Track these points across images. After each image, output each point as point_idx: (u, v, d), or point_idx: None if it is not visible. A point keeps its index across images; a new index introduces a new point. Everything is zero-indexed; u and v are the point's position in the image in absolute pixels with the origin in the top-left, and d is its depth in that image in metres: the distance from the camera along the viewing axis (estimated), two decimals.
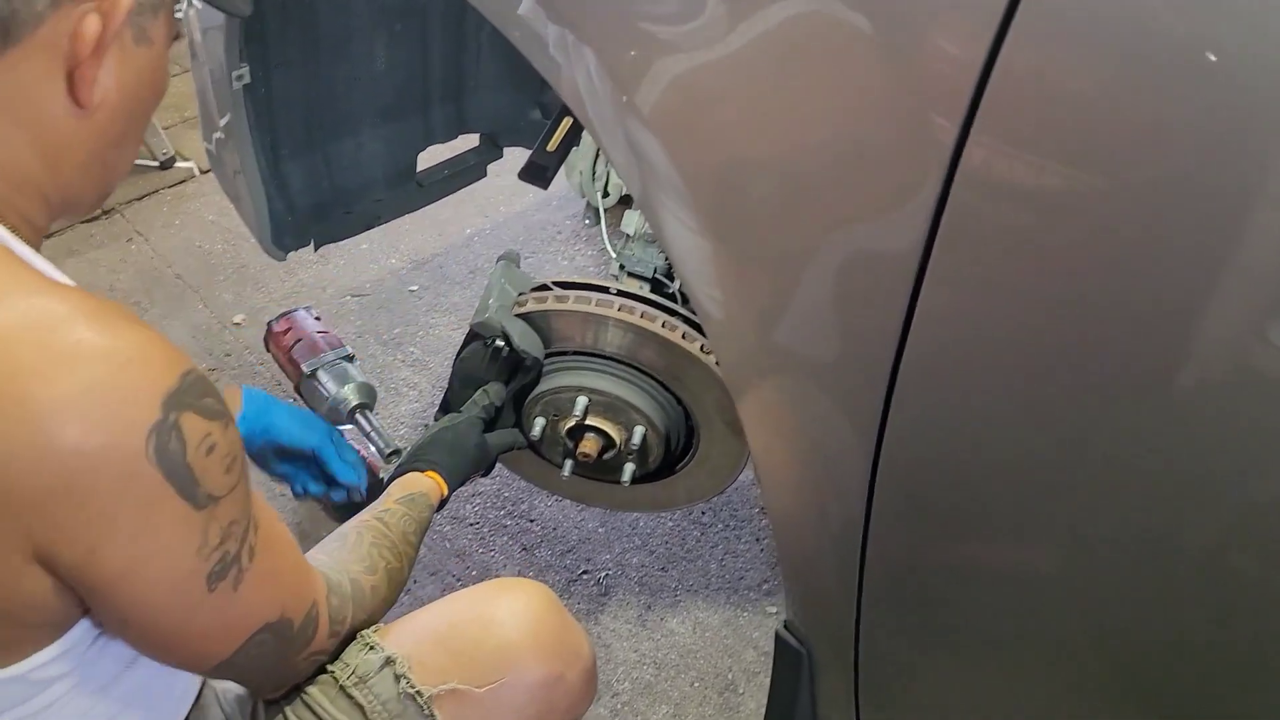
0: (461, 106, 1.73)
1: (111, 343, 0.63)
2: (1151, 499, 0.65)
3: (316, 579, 0.86)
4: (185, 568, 0.68)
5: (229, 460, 0.69)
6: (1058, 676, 0.79)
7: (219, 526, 0.69)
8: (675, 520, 1.85)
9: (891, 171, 0.68)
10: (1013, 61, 0.59)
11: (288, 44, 1.39)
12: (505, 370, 1.37)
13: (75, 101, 0.70)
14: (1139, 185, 0.58)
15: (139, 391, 0.63)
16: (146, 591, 0.67)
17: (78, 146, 0.73)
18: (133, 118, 0.76)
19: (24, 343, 0.61)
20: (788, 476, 0.89)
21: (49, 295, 0.63)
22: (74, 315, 0.63)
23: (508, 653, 0.91)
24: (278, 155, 1.50)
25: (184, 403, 0.65)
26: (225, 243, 2.51)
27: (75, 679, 0.73)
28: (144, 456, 0.63)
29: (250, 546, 0.73)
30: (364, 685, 0.88)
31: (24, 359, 0.60)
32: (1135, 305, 0.60)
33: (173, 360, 0.66)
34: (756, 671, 1.60)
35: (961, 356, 0.69)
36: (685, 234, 0.85)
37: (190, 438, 0.65)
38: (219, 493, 0.68)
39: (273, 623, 0.78)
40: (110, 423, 0.62)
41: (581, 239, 2.55)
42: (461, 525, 1.82)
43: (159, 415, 0.63)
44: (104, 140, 0.74)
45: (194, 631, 0.72)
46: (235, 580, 0.72)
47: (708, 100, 0.78)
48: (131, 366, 0.63)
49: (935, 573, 0.82)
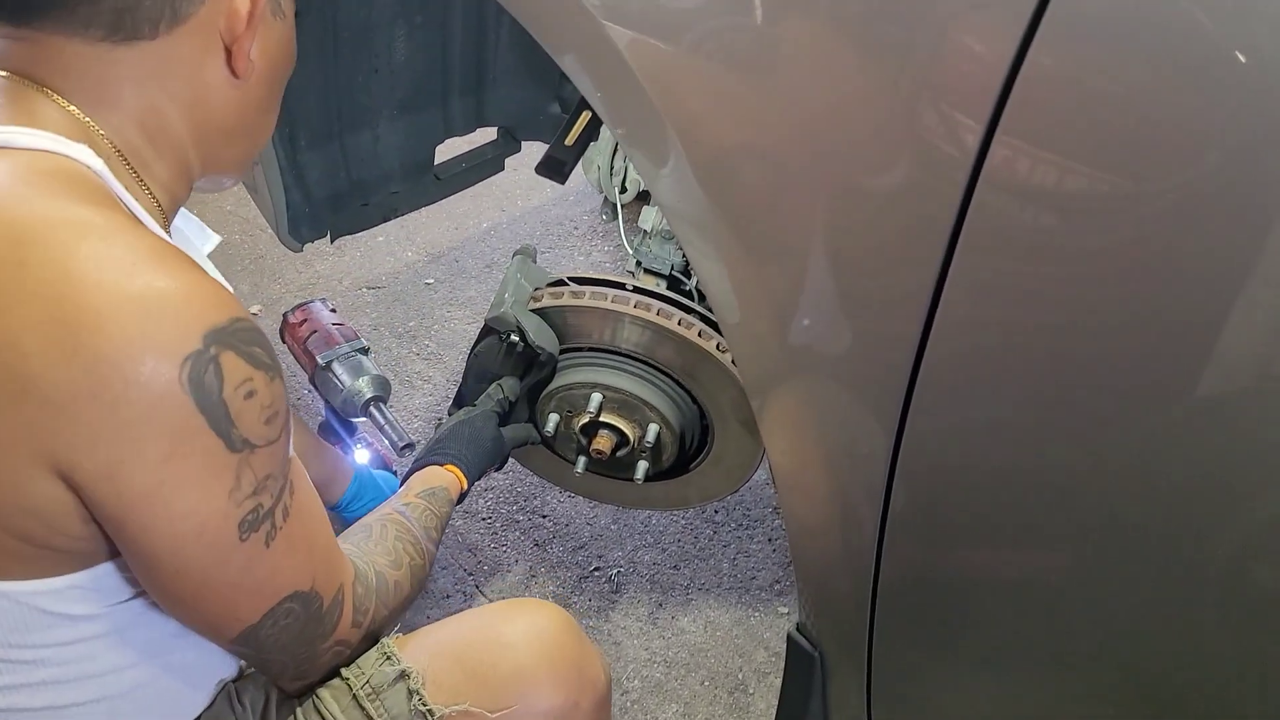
0: (480, 100, 1.72)
1: (163, 272, 0.65)
2: (1173, 508, 0.64)
3: (346, 563, 0.86)
4: (215, 507, 0.68)
5: (270, 412, 0.69)
6: (1073, 685, 0.78)
7: (253, 475, 0.69)
8: (688, 519, 1.85)
9: (914, 172, 0.67)
10: (1041, 61, 0.58)
11: (307, 35, 1.38)
12: (520, 365, 1.36)
13: (233, 73, 0.78)
14: (1168, 189, 0.57)
15: (181, 318, 0.64)
16: (172, 525, 0.67)
17: (229, 114, 0.81)
18: (275, 84, 0.86)
19: (82, 255, 0.63)
20: (804, 479, 0.88)
21: (123, 228, 0.66)
22: (139, 245, 0.66)
23: (522, 678, 0.90)
24: (295, 146, 1.50)
25: (227, 342, 0.66)
26: (242, 233, 2.52)
27: (97, 629, 0.73)
28: (176, 382, 0.63)
29: (285, 506, 0.73)
30: (377, 698, 0.87)
31: (78, 267, 0.62)
32: (1162, 311, 0.59)
33: (225, 303, 0.68)
34: (767, 672, 1.59)
35: (982, 361, 0.68)
36: (702, 233, 0.84)
37: (229, 376, 0.66)
38: (256, 440, 0.69)
39: (302, 592, 0.77)
40: (147, 340, 0.63)
41: (599, 234, 2.55)
42: (474, 520, 1.82)
43: (198, 346, 0.64)
44: (253, 106, 0.83)
45: (221, 583, 0.72)
46: (268, 536, 0.72)
47: (729, 97, 0.77)
48: (178, 295, 0.65)
49: (950, 578, 0.81)
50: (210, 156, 0.83)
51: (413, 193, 1.77)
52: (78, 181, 0.69)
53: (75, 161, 0.70)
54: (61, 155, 0.69)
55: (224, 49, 0.77)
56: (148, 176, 0.78)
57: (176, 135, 0.78)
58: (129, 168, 0.76)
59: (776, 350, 0.83)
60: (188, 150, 0.80)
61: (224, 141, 0.83)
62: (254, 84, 0.81)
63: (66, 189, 0.67)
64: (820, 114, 0.72)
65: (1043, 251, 0.62)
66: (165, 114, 0.77)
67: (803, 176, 0.75)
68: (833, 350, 0.78)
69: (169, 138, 0.78)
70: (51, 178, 0.67)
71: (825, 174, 0.73)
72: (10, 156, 0.68)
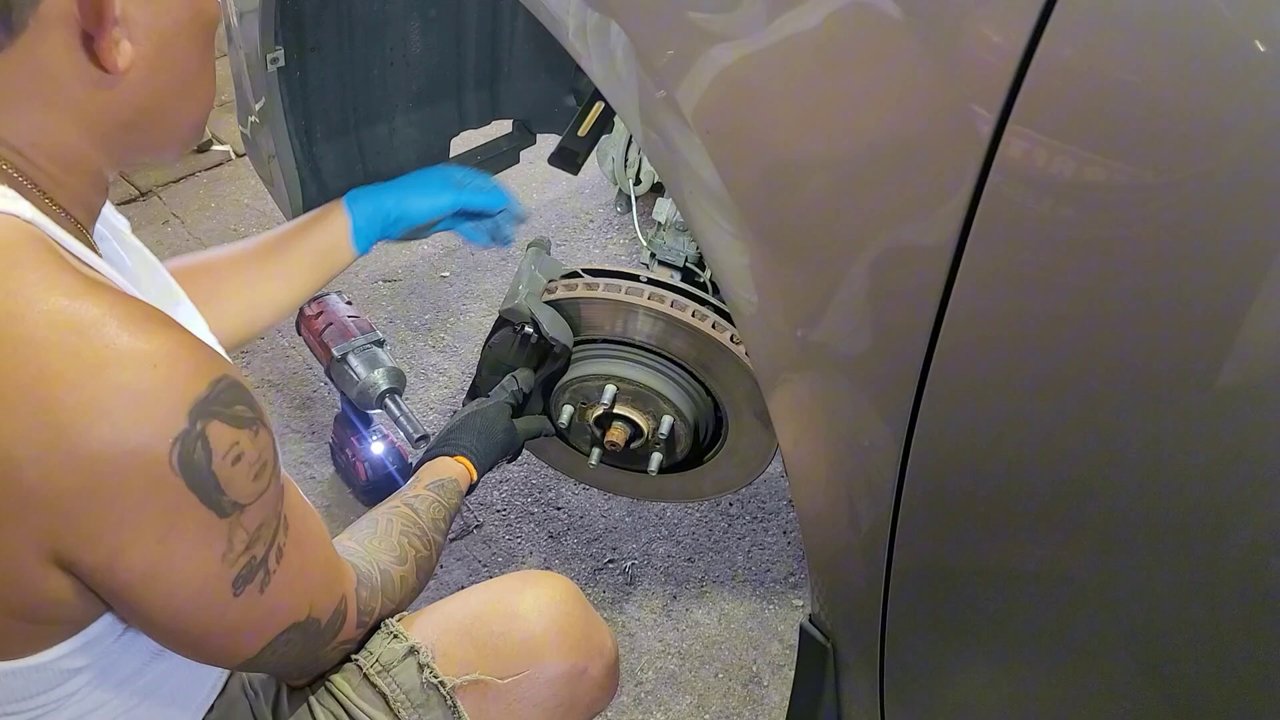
0: (495, 92, 1.72)
1: (141, 347, 0.62)
2: (1190, 499, 0.64)
3: (346, 572, 0.86)
4: (210, 572, 0.68)
5: (257, 467, 0.68)
6: (1086, 676, 0.78)
7: (245, 533, 0.69)
8: (702, 511, 1.85)
9: (925, 163, 0.66)
10: (1054, 50, 0.57)
11: (322, 28, 1.39)
12: (534, 357, 1.37)
13: (102, 69, 0.66)
14: (1186, 180, 0.56)
15: (166, 398, 0.62)
16: (171, 595, 0.67)
17: (121, 111, 0.70)
18: (182, 60, 0.73)
19: (53, 346, 0.60)
20: (816, 471, 0.88)
21: (81, 297, 0.62)
22: (104, 318, 0.62)
23: (531, 645, 0.91)
24: (311, 139, 1.50)
25: (211, 411, 0.64)
26: (260, 226, 2.53)
27: (96, 671, 0.74)
28: (168, 464, 0.62)
29: (279, 548, 0.73)
30: (387, 674, 0.88)
31: (53, 363, 0.59)
32: (1179, 302, 0.59)
33: (203, 366, 0.65)
34: (781, 664, 1.59)
35: (995, 353, 0.68)
36: (716, 225, 0.84)
37: (216, 447, 0.65)
38: (245, 500, 0.68)
39: (300, 622, 0.78)
40: (136, 429, 0.61)
41: (614, 227, 2.55)
42: (489, 511, 1.83)
43: (184, 425, 0.63)
44: (151, 96, 0.72)
45: (220, 632, 0.73)
46: (262, 584, 0.72)
47: (743, 93, 0.77)
48: (159, 373, 0.62)
49: (963, 570, 0.81)
50: (122, 154, 0.75)
51: None
52: (14, 244, 0.63)
53: (2, 214, 0.64)
54: None
55: (81, 44, 0.66)
56: (60, 197, 0.71)
57: (73, 146, 0.70)
58: (41, 194, 0.69)
59: (788, 341, 0.83)
60: (92, 158, 0.72)
61: (132, 135, 0.73)
62: (143, 73, 0.69)
63: (7, 260, 0.62)
64: (831, 104, 0.71)
65: (1055, 242, 0.62)
66: (53, 127, 0.68)
67: (815, 166, 0.75)
68: (844, 341, 0.78)
69: (68, 151, 0.70)
70: None
71: (836, 163, 0.73)
72: None
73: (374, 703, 0.88)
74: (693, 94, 0.80)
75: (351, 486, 1.84)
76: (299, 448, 1.94)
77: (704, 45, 0.78)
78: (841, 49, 0.70)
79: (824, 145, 0.74)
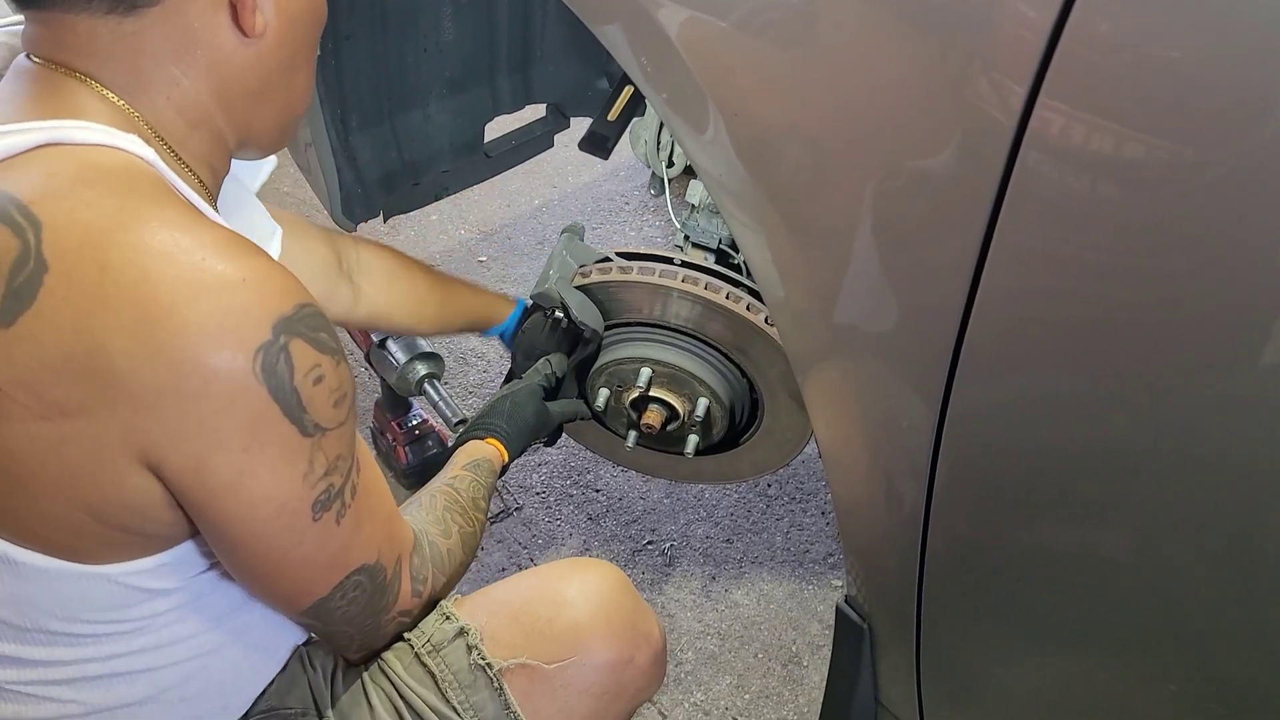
0: (528, 77, 1.73)
1: (232, 265, 0.66)
2: (1230, 481, 0.63)
3: (407, 533, 0.88)
4: (291, 490, 0.71)
5: (338, 395, 0.72)
6: (1126, 659, 0.77)
7: (325, 458, 0.72)
8: (740, 492, 1.85)
9: (956, 140, 0.66)
10: (1084, 23, 0.56)
11: (356, 17, 1.40)
12: (565, 341, 1.37)
13: (241, 30, 0.76)
14: (1225, 157, 0.55)
15: (252, 311, 0.66)
16: (252, 510, 0.70)
17: (249, 76, 0.78)
18: (299, 42, 0.82)
19: (156, 254, 0.64)
20: (850, 453, 0.88)
21: (188, 221, 0.67)
22: (204, 241, 0.66)
23: (578, 633, 0.92)
24: (347, 127, 1.51)
25: (295, 329, 0.68)
26: (300, 213, 2.56)
27: (187, 596, 0.77)
28: (251, 373, 0.66)
29: (353, 485, 0.76)
30: (437, 654, 0.89)
31: (153, 268, 0.64)
32: (1218, 282, 0.57)
33: (291, 289, 0.69)
34: (821, 645, 1.59)
35: (1027, 332, 0.67)
36: (743, 206, 0.84)
37: (299, 363, 0.68)
38: (327, 424, 0.71)
39: (369, 565, 0.80)
40: (221, 335, 0.64)
41: (649, 209, 2.55)
42: (528, 494, 1.84)
43: (268, 336, 0.66)
44: (275, 66, 0.80)
45: (296, 560, 0.75)
46: (338, 514, 0.75)
47: (768, 70, 0.77)
48: (248, 287, 0.66)
49: (997, 552, 0.80)
50: (240, 123, 0.81)
51: (463, 171, 1.78)
52: (135, 176, 0.69)
53: (128, 154, 0.70)
54: (115, 149, 0.70)
55: (229, 5, 0.75)
56: (185, 154, 0.78)
57: (203, 105, 0.77)
58: (168, 148, 0.76)
59: (820, 324, 0.82)
60: (217, 119, 0.79)
61: (250, 105, 0.81)
62: (272, 42, 0.79)
63: (126, 185, 0.68)
64: (859, 84, 0.71)
65: (1087, 220, 0.61)
66: (187, 84, 0.76)
67: (843, 147, 0.74)
68: (876, 323, 0.78)
69: (197, 109, 0.77)
70: (110, 174, 0.68)
71: (865, 144, 0.72)
72: (68, 155, 0.69)
73: (424, 682, 0.89)
74: (718, 77, 0.79)
75: (392, 470, 1.86)
76: None
77: (727, 19, 0.77)
78: (868, 27, 0.69)
79: (851, 124, 0.73)
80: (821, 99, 0.74)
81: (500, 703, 0.89)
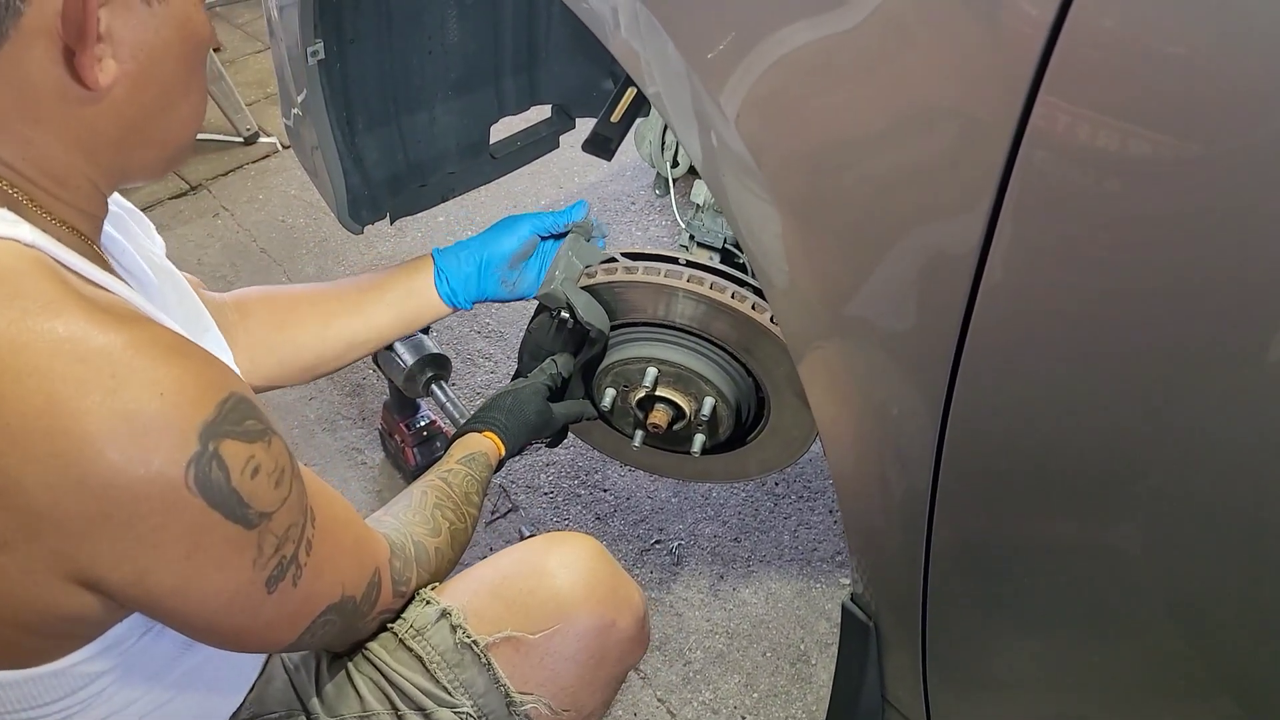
0: (533, 77, 1.73)
1: (145, 380, 0.61)
2: (1239, 475, 0.63)
3: (379, 546, 0.87)
4: (242, 579, 0.69)
5: (277, 476, 0.69)
6: (1131, 651, 0.77)
7: (274, 537, 0.69)
8: (748, 491, 1.85)
9: (956, 136, 0.66)
10: (1083, 17, 0.56)
11: (361, 19, 1.40)
12: (571, 342, 1.37)
13: (82, 85, 0.65)
14: (1231, 150, 0.55)
15: (173, 425, 0.62)
16: (204, 604, 0.68)
17: (108, 128, 0.69)
18: (169, 78, 0.71)
19: (59, 375, 0.59)
20: (853, 448, 0.88)
21: (86, 325, 0.61)
22: (109, 346, 0.61)
23: (560, 601, 0.93)
24: (353, 130, 1.52)
25: (222, 431, 0.64)
26: (307, 217, 2.57)
27: (121, 671, 0.75)
28: (184, 488, 0.62)
29: (308, 541, 0.74)
30: (421, 637, 0.90)
31: (58, 392, 0.59)
32: (1222, 277, 0.57)
33: (211, 386, 0.65)
34: (829, 643, 1.59)
35: (1030, 325, 0.67)
36: (748, 203, 0.84)
37: (233, 464, 0.65)
38: (271, 509, 0.68)
39: (335, 603, 0.79)
40: (146, 457, 0.60)
41: (655, 209, 2.55)
42: (536, 494, 1.85)
43: (196, 447, 0.63)
44: (140, 112, 0.70)
45: (258, 628, 0.73)
46: (294, 578, 0.73)
47: (776, 74, 0.77)
48: (166, 401, 0.61)
49: (1001, 547, 0.80)
50: (114, 170, 0.73)
51: (469, 172, 1.79)
52: (15, 273, 0.62)
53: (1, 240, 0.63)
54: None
55: (63, 59, 0.64)
56: (59, 210, 0.70)
57: (63, 161, 0.69)
58: (40, 210, 0.69)
59: (823, 318, 0.83)
60: (84, 171, 0.71)
61: (121, 153, 0.72)
62: (128, 90, 0.68)
63: (10, 291, 0.61)
64: (860, 75, 0.71)
65: (1090, 215, 0.61)
66: (41, 142, 0.67)
67: (844, 139, 0.74)
68: (879, 318, 0.78)
69: (60, 166, 0.69)
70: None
71: (866, 136, 0.72)
72: None
73: (411, 665, 0.90)
74: (725, 76, 0.79)
75: (401, 471, 1.87)
76: (350, 434, 1.97)
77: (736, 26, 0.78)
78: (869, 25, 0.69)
79: (853, 116, 0.73)
80: (822, 99, 0.74)
81: (489, 677, 0.90)
